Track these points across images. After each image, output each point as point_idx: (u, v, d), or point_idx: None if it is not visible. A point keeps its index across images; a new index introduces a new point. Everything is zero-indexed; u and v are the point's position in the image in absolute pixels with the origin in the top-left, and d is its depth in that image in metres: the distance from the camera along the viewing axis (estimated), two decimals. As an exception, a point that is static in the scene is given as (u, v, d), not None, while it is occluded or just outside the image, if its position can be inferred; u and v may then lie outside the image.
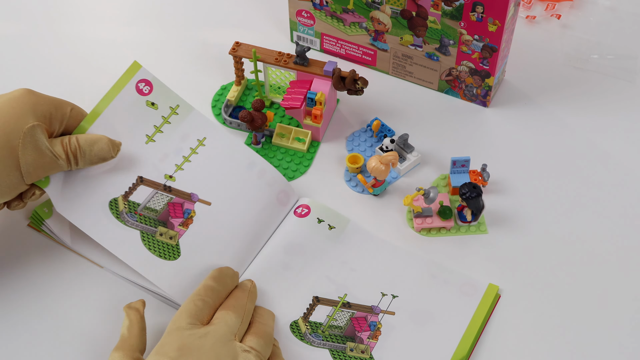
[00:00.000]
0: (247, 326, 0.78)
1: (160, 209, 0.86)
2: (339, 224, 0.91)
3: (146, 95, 0.90)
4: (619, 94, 1.05)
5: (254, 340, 0.76)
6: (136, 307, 0.79)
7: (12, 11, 1.16)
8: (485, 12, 0.93)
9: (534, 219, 0.92)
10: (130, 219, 0.85)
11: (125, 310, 0.79)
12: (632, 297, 0.85)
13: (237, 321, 0.77)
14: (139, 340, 0.77)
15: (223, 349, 0.74)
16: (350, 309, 0.84)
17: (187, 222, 0.86)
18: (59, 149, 0.81)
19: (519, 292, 0.86)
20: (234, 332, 0.76)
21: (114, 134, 0.87)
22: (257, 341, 0.76)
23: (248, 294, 0.81)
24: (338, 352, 0.81)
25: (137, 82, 0.90)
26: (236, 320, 0.77)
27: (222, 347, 0.74)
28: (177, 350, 0.73)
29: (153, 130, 0.90)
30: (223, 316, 0.77)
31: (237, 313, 0.78)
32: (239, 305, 0.79)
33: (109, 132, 0.86)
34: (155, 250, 0.84)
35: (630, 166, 0.97)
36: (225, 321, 0.76)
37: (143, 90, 0.90)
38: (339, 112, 1.03)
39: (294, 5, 1.07)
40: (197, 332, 0.75)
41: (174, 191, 0.88)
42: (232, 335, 0.76)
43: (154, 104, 0.90)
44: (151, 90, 0.90)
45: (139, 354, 0.76)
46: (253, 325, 0.79)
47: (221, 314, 0.77)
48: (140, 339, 0.77)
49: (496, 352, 0.82)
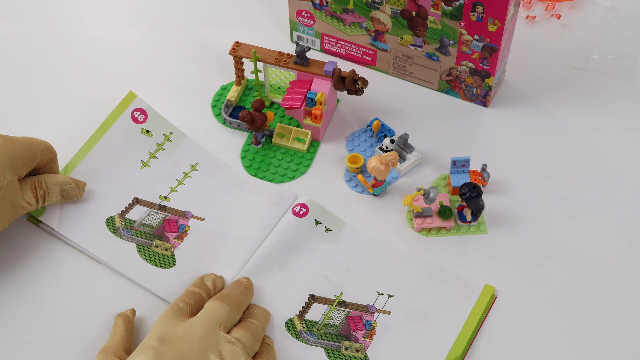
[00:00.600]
0: (237, 319, 0.79)
1: (155, 225, 0.90)
2: (335, 226, 0.91)
3: (141, 124, 0.95)
4: (619, 94, 1.05)
5: (241, 333, 0.76)
6: (125, 314, 0.81)
7: (12, 11, 1.16)
8: (485, 12, 0.93)
9: (534, 219, 0.92)
10: (127, 234, 0.88)
11: (115, 318, 0.81)
12: (631, 298, 0.85)
13: (224, 311, 0.77)
14: (124, 342, 0.78)
15: (206, 338, 0.74)
16: (346, 307, 0.85)
17: (182, 236, 0.89)
18: (30, 197, 0.85)
19: (518, 292, 0.86)
20: (220, 322, 0.76)
21: (110, 160, 0.92)
22: (243, 334, 0.76)
23: (242, 289, 0.82)
24: (333, 351, 0.82)
25: (133, 110, 0.95)
26: (224, 310, 0.77)
27: (205, 336, 0.74)
28: (158, 339, 0.74)
29: (148, 156, 0.94)
30: (210, 305, 0.78)
31: (226, 303, 0.78)
32: (229, 297, 0.79)
33: (105, 158, 0.92)
34: (151, 260, 0.87)
35: (630, 166, 0.97)
36: (212, 309, 0.77)
37: (138, 118, 0.95)
38: (339, 112, 1.03)
39: (294, 5, 1.07)
40: (180, 323, 0.76)
41: (168, 210, 0.91)
42: (218, 324, 0.76)
43: (149, 131, 0.95)
44: (146, 118, 0.95)
45: (124, 353, 0.77)
46: (244, 319, 0.80)
47: (209, 304, 0.78)
48: (125, 340, 0.78)
49: (493, 352, 0.82)
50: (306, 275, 0.87)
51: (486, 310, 0.84)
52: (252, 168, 0.97)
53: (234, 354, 0.74)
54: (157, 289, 0.85)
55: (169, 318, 0.77)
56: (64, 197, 0.88)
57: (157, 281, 0.85)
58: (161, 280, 0.85)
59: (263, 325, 0.80)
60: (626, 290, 0.86)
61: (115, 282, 0.86)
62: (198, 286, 0.82)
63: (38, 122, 1.01)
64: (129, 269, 0.86)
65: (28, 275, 0.86)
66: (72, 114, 1.02)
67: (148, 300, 0.85)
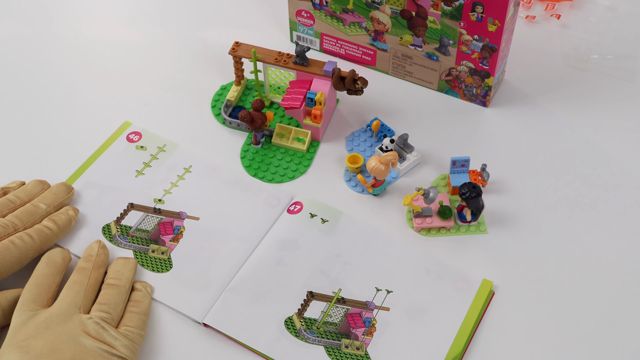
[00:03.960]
0: (94, 295, 0.81)
1: (151, 229, 0.90)
2: (332, 217, 0.91)
3: (135, 142, 0.98)
4: (619, 94, 1.05)
5: (96, 308, 0.79)
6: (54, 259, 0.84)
7: (12, 11, 1.16)
8: (485, 12, 0.93)
9: (534, 218, 0.92)
10: (123, 241, 0.89)
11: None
12: (630, 298, 0.85)
13: (77, 295, 0.79)
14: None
15: (68, 324, 0.76)
16: (345, 304, 0.84)
17: (178, 237, 0.89)
18: None
19: (518, 291, 0.86)
20: (78, 305, 0.78)
21: (105, 174, 0.94)
22: (98, 307, 0.79)
23: (93, 265, 0.83)
24: (333, 349, 0.81)
25: (128, 134, 0.99)
26: (76, 295, 0.79)
27: (67, 323, 0.76)
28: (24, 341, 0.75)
29: (142, 166, 0.96)
30: (63, 294, 0.80)
31: (78, 287, 0.80)
32: (80, 278, 0.81)
33: (100, 173, 0.94)
34: (148, 266, 0.87)
35: (630, 166, 0.97)
36: (65, 298, 0.79)
37: (133, 139, 0.99)
38: (338, 112, 1.03)
39: (293, 5, 1.07)
40: (39, 317, 0.77)
41: (163, 212, 0.92)
42: (77, 308, 0.78)
43: (143, 147, 0.97)
44: (140, 138, 0.99)
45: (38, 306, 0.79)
46: (105, 284, 0.82)
47: (62, 292, 0.80)
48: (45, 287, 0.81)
49: (492, 350, 0.82)
50: (304, 270, 0.87)
51: (484, 305, 0.84)
52: (252, 168, 0.97)
53: (98, 330, 0.76)
54: (154, 294, 0.85)
55: (29, 312, 0.78)
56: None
57: (154, 286, 0.85)
58: (159, 284, 0.85)
59: (123, 281, 0.82)
60: (626, 290, 0.86)
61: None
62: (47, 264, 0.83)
63: (34, 133, 1.01)
64: None
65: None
66: (72, 115, 1.02)
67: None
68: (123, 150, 0.97)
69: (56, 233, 0.86)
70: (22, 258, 0.83)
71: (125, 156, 0.96)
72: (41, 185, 0.90)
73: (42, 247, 0.84)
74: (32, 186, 0.90)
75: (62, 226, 0.87)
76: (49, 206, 0.88)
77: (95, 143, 0.98)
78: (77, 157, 0.97)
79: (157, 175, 0.95)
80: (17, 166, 0.95)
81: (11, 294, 0.81)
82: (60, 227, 0.86)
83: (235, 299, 0.84)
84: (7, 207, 0.86)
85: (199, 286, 0.85)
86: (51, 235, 0.85)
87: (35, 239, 0.84)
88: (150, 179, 0.94)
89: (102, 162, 0.96)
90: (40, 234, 0.84)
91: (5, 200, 0.87)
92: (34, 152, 0.98)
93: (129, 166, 0.95)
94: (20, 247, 0.82)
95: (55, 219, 0.87)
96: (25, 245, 0.83)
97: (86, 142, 0.98)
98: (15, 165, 0.96)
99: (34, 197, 0.89)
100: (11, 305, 0.80)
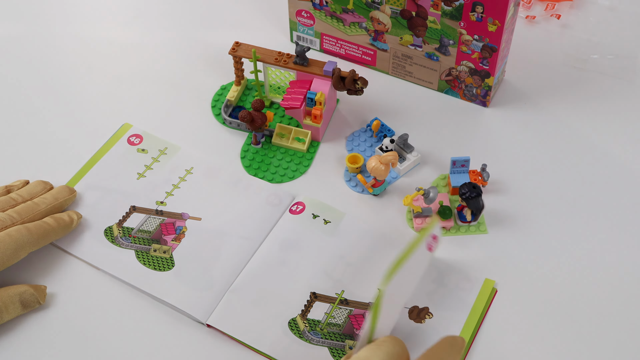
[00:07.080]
0: None
1: (153, 230, 0.90)
2: (334, 218, 0.91)
3: (136, 145, 0.97)
4: (619, 94, 1.05)
5: None
6: None
7: (12, 11, 1.16)
8: (485, 12, 0.93)
9: (534, 218, 0.92)
10: (125, 242, 0.89)
11: None
12: (631, 297, 0.85)
13: None
14: None
15: None
16: (348, 306, 0.85)
17: (180, 237, 0.90)
18: None
19: (518, 291, 0.86)
20: None
21: (106, 177, 0.94)
22: None
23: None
24: (337, 350, 0.82)
25: (129, 137, 0.99)
26: None
27: None
28: None
29: (144, 168, 0.96)
30: None
31: None
32: None
33: (102, 176, 0.94)
34: (150, 265, 0.87)
35: (630, 166, 0.97)
36: None
37: (134, 142, 0.99)
38: (338, 112, 1.03)
39: (293, 5, 1.07)
40: None
41: (165, 213, 0.92)
42: None
43: (144, 149, 0.97)
44: (141, 141, 0.99)
45: None
46: None
47: None
48: None
49: (494, 350, 0.82)
50: (307, 271, 0.87)
51: (487, 304, 0.84)
52: (252, 168, 0.97)
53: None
54: (157, 292, 0.85)
55: None
56: (25, 306, 0.82)
57: (156, 284, 0.85)
58: (161, 283, 0.85)
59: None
60: (626, 289, 0.86)
61: (117, 287, 0.86)
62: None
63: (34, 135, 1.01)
64: (128, 275, 0.86)
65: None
66: (72, 116, 1.02)
67: (149, 304, 0.85)
68: (124, 153, 0.97)
69: (55, 229, 0.86)
70: (18, 250, 0.82)
71: (127, 159, 0.97)
72: (43, 185, 0.91)
73: (39, 241, 0.84)
74: (35, 185, 0.90)
75: (62, 224, 0.87)
76: (49, 205, 0.88)
77: (96, 145, 0.98)
78: (77, 159, 0.97)
79: (158, 177, 0.95)
80: (17, 169, 0.95)
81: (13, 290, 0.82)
82: (60, 225, 0.86)
83: (238, 300, 0.84)
84: (8, 204, 0.87)
85: (202, 285, 0.85)
86: (49, 230, 0.85)
87: (32, 231, 0.84)
88: (152, 181, 0.95)
89: (103, 164, 0.96)
90: (39, 228, 0.84)
91: (7, 198, 0.88)
92: (34, 154, 0.98)
93: (130, 169, 0.96)
94: (16, 239, 0.82)
95: (56, 217, 0.87)
96: (21, 237, 0.83)
97: (86, 144, 0.98)
98: (15, 168, 0.96)
99: (36, 196, 0.89)
100: (8, 302, 0.81)
